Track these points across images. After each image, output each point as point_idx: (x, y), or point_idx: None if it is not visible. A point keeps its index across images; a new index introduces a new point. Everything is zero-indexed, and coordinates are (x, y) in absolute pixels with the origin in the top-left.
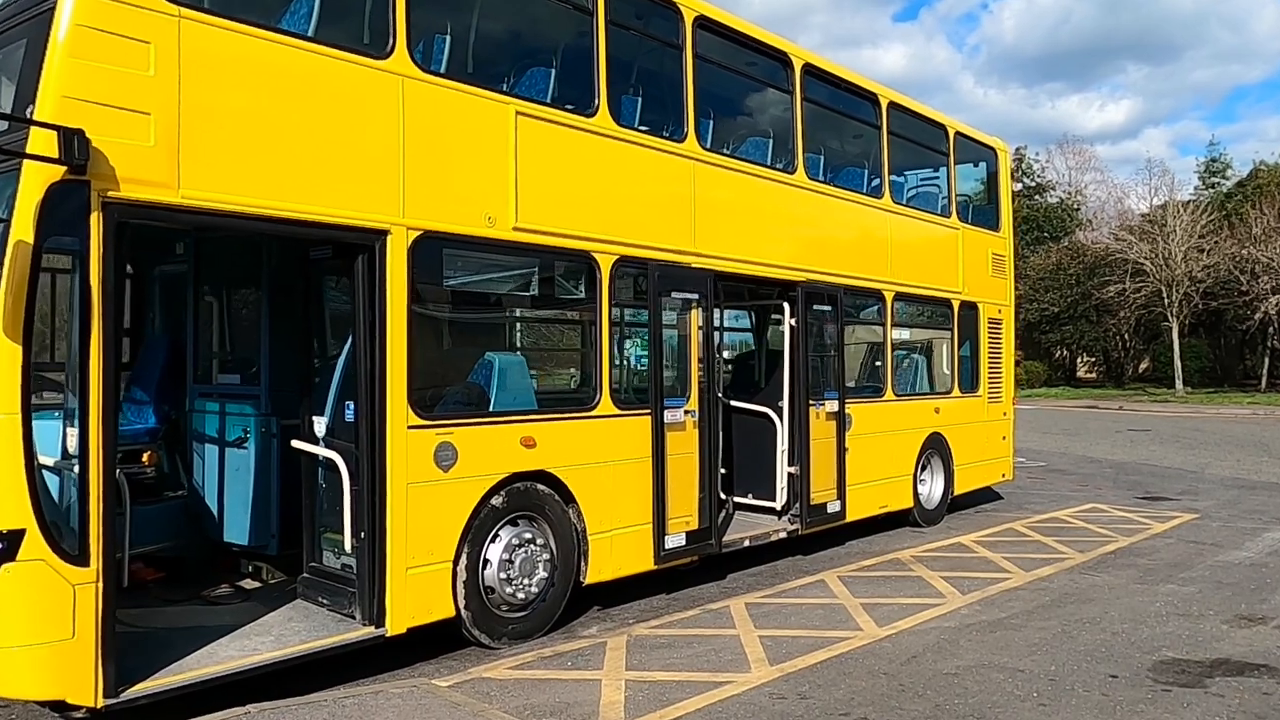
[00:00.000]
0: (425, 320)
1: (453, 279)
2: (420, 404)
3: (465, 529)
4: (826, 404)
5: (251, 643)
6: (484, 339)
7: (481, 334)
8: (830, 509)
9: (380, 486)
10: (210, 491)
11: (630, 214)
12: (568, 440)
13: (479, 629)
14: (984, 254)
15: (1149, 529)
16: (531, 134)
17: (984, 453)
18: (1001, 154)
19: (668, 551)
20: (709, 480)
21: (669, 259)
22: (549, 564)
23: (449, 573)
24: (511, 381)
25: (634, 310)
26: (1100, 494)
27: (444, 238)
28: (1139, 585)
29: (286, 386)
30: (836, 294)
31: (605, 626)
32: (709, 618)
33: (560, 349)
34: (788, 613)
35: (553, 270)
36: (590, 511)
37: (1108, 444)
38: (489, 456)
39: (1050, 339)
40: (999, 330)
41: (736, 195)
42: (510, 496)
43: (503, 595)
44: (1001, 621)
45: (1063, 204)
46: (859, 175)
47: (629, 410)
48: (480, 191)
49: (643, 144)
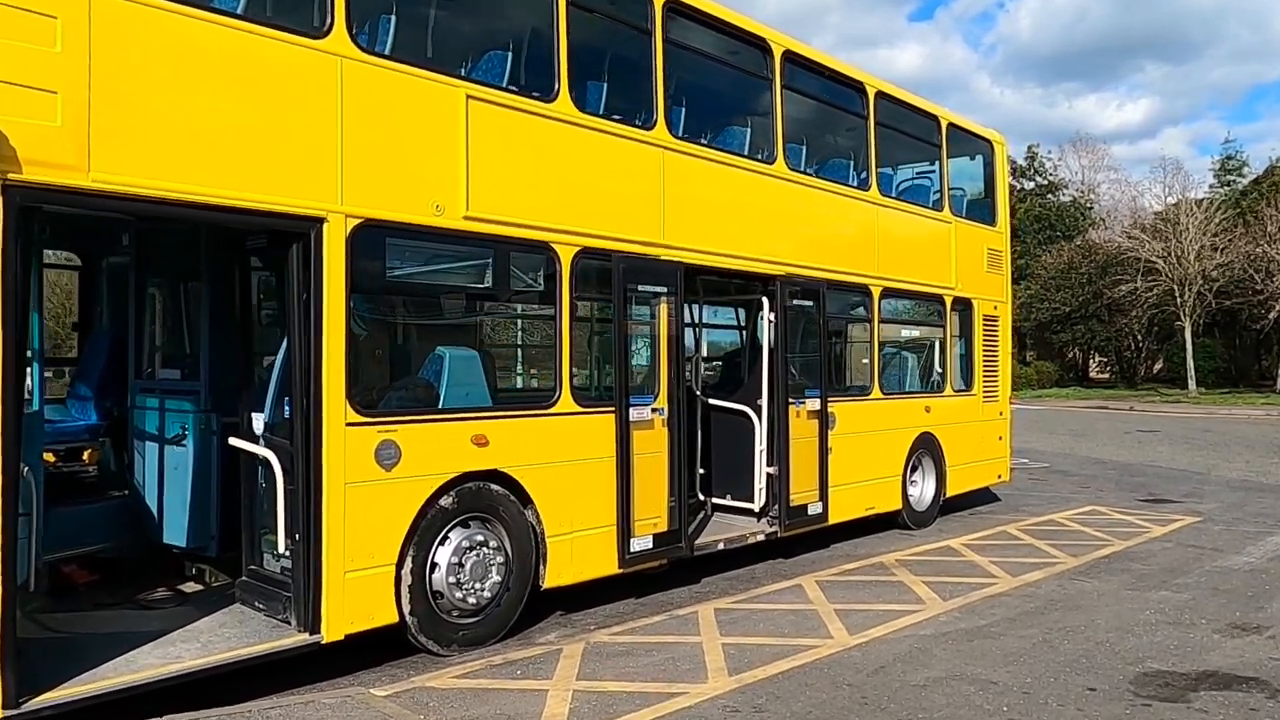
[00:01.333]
0: (367, 313)
1: (398, 270)
2: (360, 400)
3: (410, 531)
4: (808, 402)
5: (176, 649)
6: (434, 333)
7: (431, 328)
8: (811, 511)
9: (316, 486)
10: (150, 491)
11: (593, 204)
12: (524, 439)
13: (426, 635)
14: (979, 249)
15: (1147, 533)
16: (485, 119)
17: (978, 453)
18: (998, 146)
19: (633, 555)
20: (679, 481)
21: (635, 251)
22: (503, 567)
23: (392, 577)
24: (463, 377)
25: (598, 304)
26: (1101, 496)
27: (387, 226)
28: (1130, 592)
29: (227, 382)
30: (818, 289)
31: (565, 632)
32: (674, 624)
33: (518, 344)
34: (757, 619)
35: (508, 262)
36: (549, 513)
37: (1114, 445)
38: (437, 455)
39: (1061, 339)
40: (995, 327)
41: (710, 186)
42: (461, 497)
43: (452, 600)
44: (980, 629)
45: (1075, 203)
46: (845, 167)
47: (592, 408)
48: (427, 179)
49: (607, 131)
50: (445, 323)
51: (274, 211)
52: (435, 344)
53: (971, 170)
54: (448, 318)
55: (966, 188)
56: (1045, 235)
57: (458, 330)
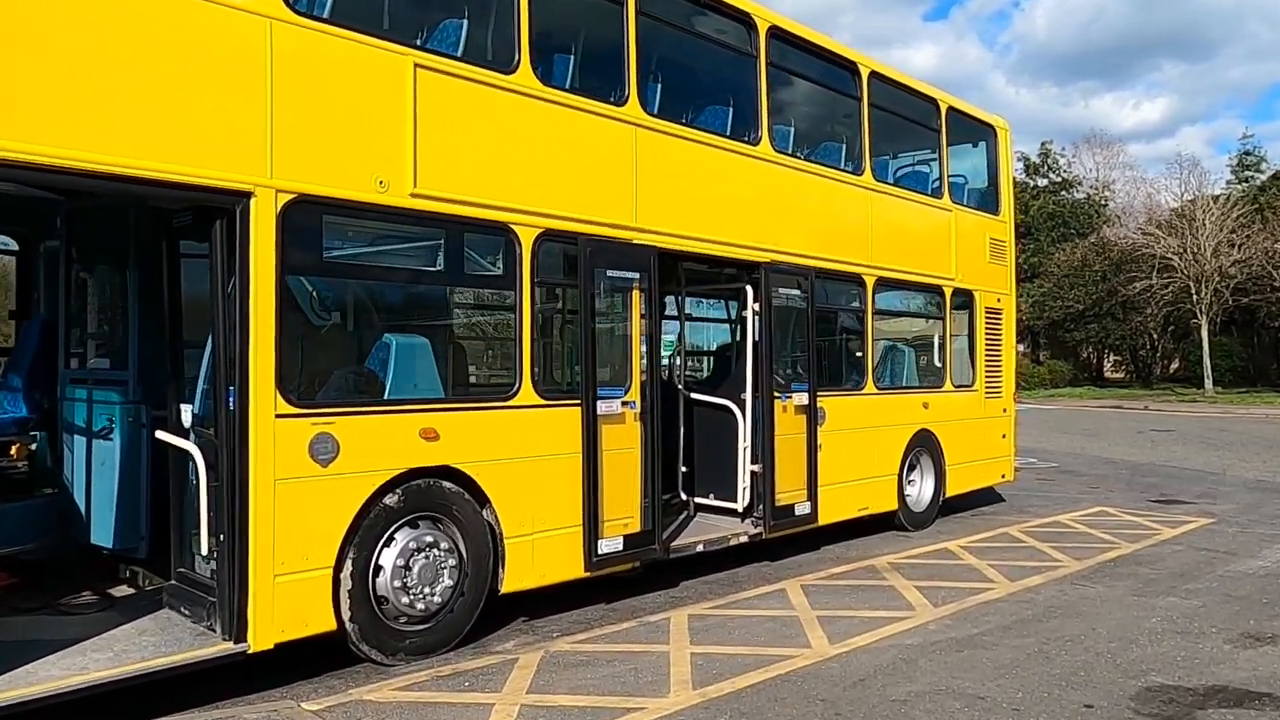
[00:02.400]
0: (301, 296)
1: (338, 250)
2: (292, 390)
3: (350, 532)
4: (795, 397)
5: (85, 659)
6: (380, 319)
7: (377, 314)
8: (799, 511)
9: (241, 483)
10: (79, 488)
11: (558, 183)
12: (480, 433)
13: (369, 644)
14: (981, 239)
15: (1157, 535)
16: (436, 91)
17: (980, 452)
18: (1002, 132)
19: (601, 557)
20: (653, 479)
21: (604, 233)
22: (456, 570)
23: (329, 581)
24: (411, 367)
25: (563, 290)
26: (1111, 497)
27: (323, 202)
28: (1135, 598)
29: (158, 372)
30: (807, 277)
31: (525, 640)
32: (643, 631)
33: (475, 332)
34: (733, 626)
35: (463, 243)
36: (508, 512)
37: (1127, 444)
38: (380, 450)
39: (1075, 337)
40: (998, 320)
41: (689, 167)
42: (408, 495)
43: (398, 606)
44: (972, 639)
45: (1089, 200)
46: (837, 151)
47: (555, 401)
48: (370, 152)
49: (574, 106)
50: (393, 308)
51: (192, 184)
52: (381, 331)
53: (974, 157)
54: (395, 303)
55: (969, 175)
56: (1059, 233)
57: (407, 316)
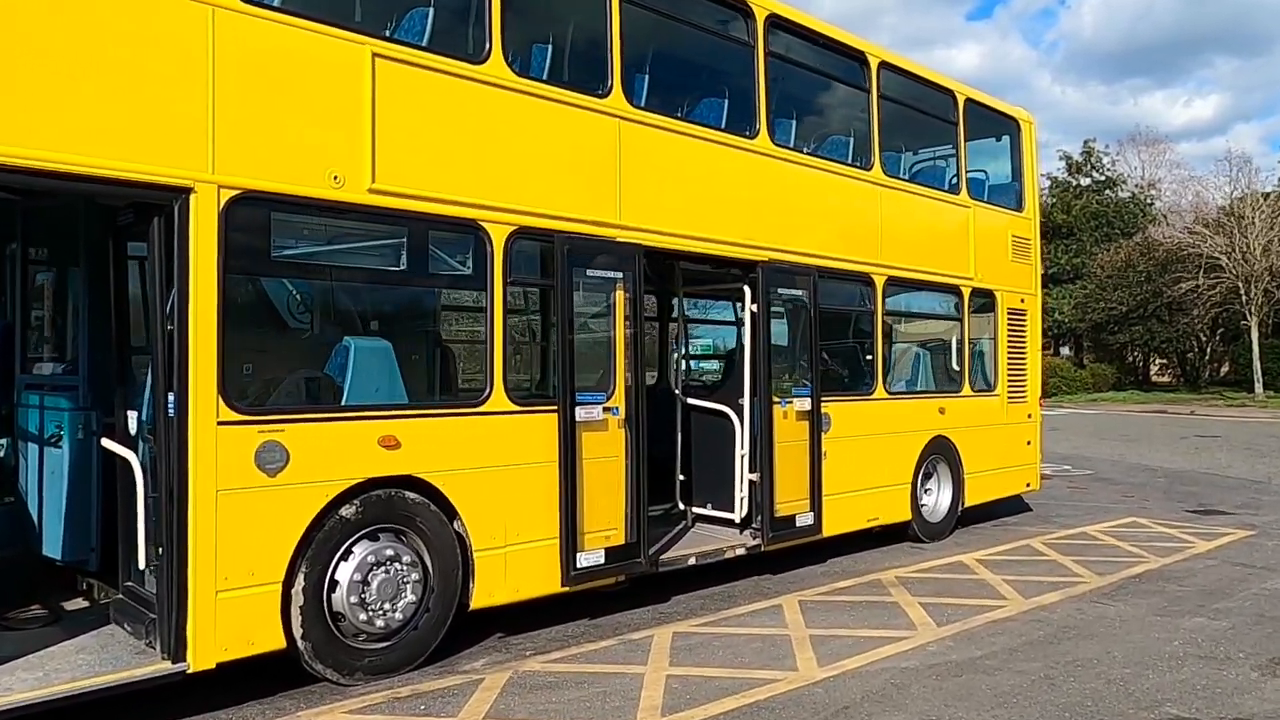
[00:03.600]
0: (248, 297)
1: (290, 248)
2: (236, 396)
3: (301, 545)
4: (796, 402)
5: (12, 679)
6: (337, 322)
7: (333, 316)
8: (801, 522)
9: (180, 494)
10: (33, 497)
11: (533, 178)
12: (447, 441)
13: (323, 663)
14: (1002, 236)
15: (1190, 548)
16: (397, 81)
17: (1003, 459)
18: (1026, 125)
19: (580, 571)
20: (638, 489)
21: (583, 231)
22: (420, 585)
23: (278, 597)
24: (372, 371)
25: (538, 290)
26: (1146, 506)
27: (272, 199)
28: (1158, 617)
29: (109, 377)
30: (809, 276)
31: (496, 658)
32: (621, 650)
33: (442, 335)
34: (718, 646)
35: (427, 241)
36: (477, 524)
37: (1168, 450)
38: (335, 459)
39: (1119, 339)
40: (1021, 322)
41: (678, 161)
42: (367, 506)
43: (355, 623)
44: (973, 662)
45: (1135, 199)
46: (844, 145)
47: (530, 407)
48: (324, 146)
49: (550, 98)
50: (352, 310)
51: (125, 180)
52: (340, 334)
53: (996, 152)
54: (355, 304)
55: (991, 170)
56: (1102, 233)
57: (368, 318)
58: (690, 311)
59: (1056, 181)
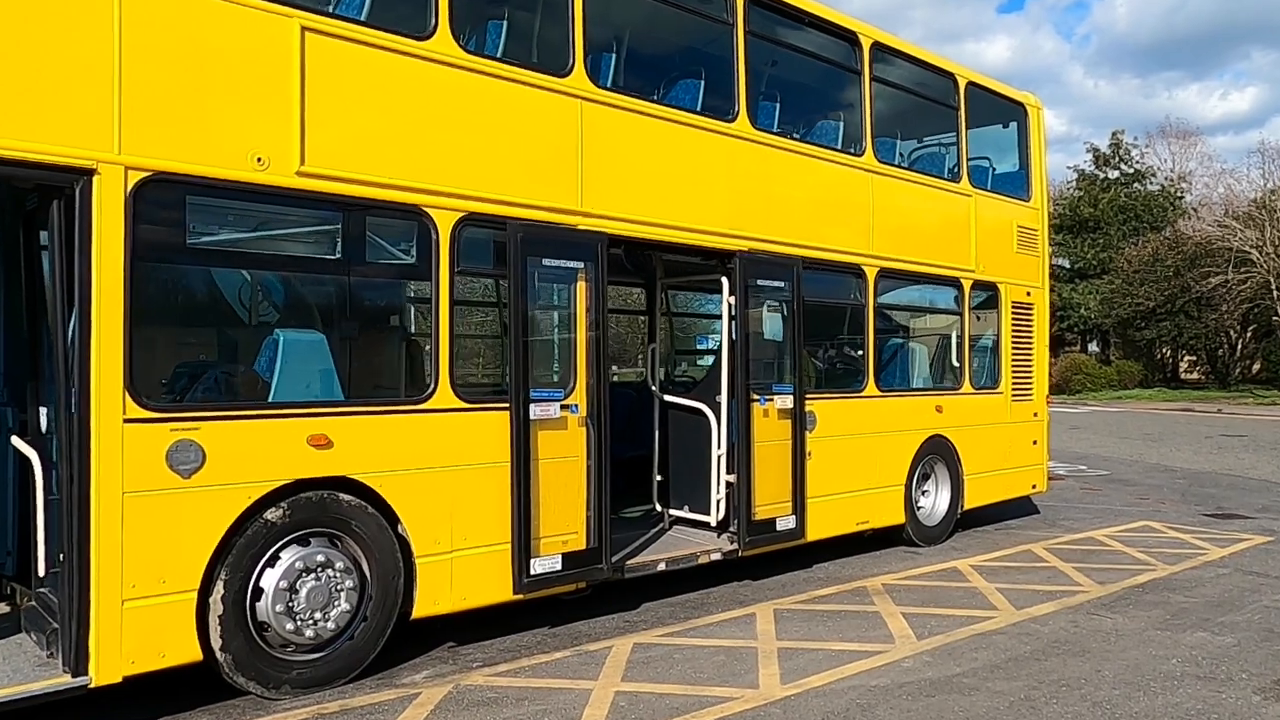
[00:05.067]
0: (160, 287)
1: (209, 234)
2: (146, 392)
3: (220, 551)
4: (777, 399)
5: None
6: (263, 313)
7: (259, 307)
8: (782, 526)
9: (82, 496)
10: None
11: (485, 161)
12: (385, 440)
13: (246, 675)
14: (1007, 226)
15: (1202, 555)
16: (328, 57)
17: (1005, 460)
18: (1033, 111)
19: (535, 578)
20: (601, 491)
21: (542, 218)
22: (356, 593)
23: (193, 606)
24: (303, 366)
25: (490, 281)
26: (1160, 510)
27: (186, 182)
28: (1159, 632)
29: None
30: (792, 267)
31: (440, 670)
32: (575, 662)
33: (382, 328)
34: (679, 659)
35: (364, 228)
36: (420, 529)
37: (1190, 451)
38: (258, 459)
39: (1145, 335)
40: (1027, 316)
41: (647, 144)
42: (295, 510)
43: (282, 633)
44: (949, 681)
45: (1164, 191)
46: (834, 129)
47: (480, 404)
48: (246, 126)
49: (504, 76)
50: (282, 300)
51: (17, 160)
52: (267, 326)
53: (1002, 139)
54: (285, 294)
55: (996, 158)
56: (1130, 227)
57: (299, 310)
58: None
59: (1083, 174)
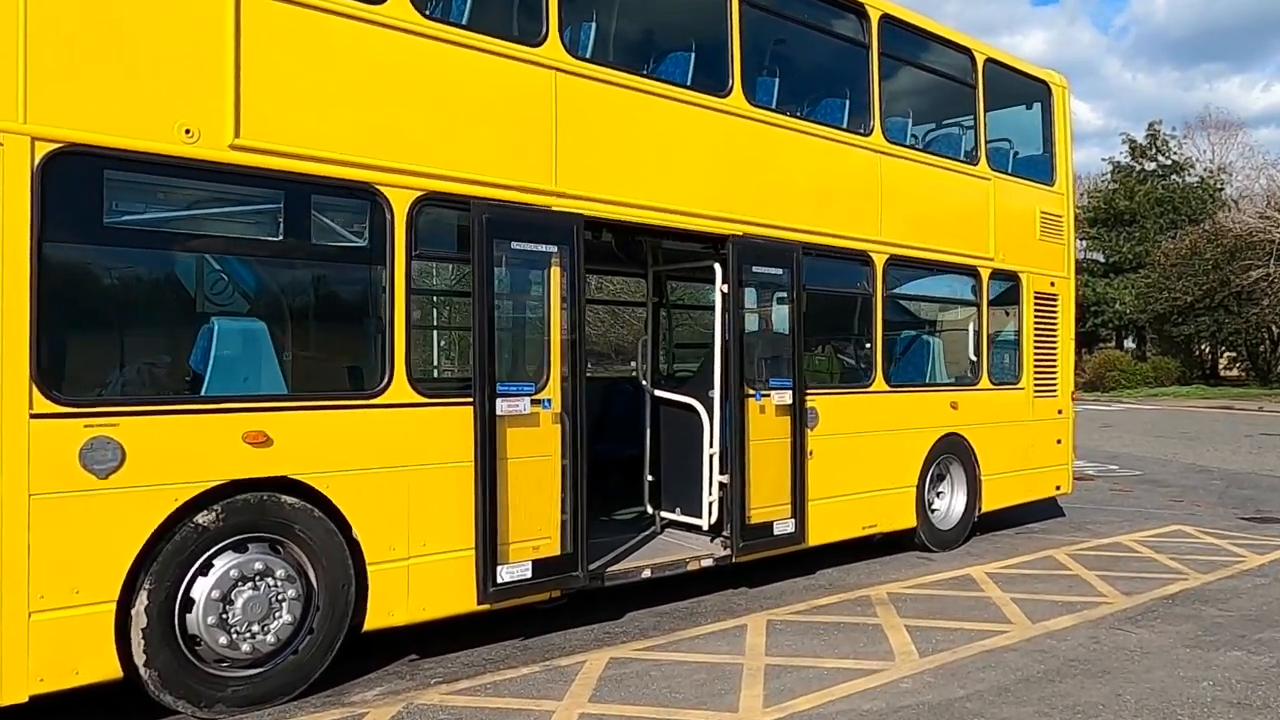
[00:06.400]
0: (76, 270)
1: (129, 213)
2: (57, 385)
3: (142, 558)
4: (775, 395)
5: None
6: (196, 299)
7: (191, 293)
8: (780, 530)
9: None
10: None
11: (447, 137)
12: (333, 438)
13: (174, 693)
14: (1029, 212)
15: (1238, 563)
16: (269, 20)
17: (1027, 460)
18: (1058, 90)
19: (501, 587)
20: (577, 492)
21: (509, 198)
22: (300, 603)
23: (111, 618)
24: (239, 357)
25: (452, 266)
26: (1195, 513)
27: (104, 155)
28: (1188, 649)
29: None
30: (791, 253)
31: (393, 687)
32: (541, 680)
33: (332, 316)
34: (656, 676)
35: (308, 207)
36: (371, 534)
37: (1229, 450)
38: (186, 458)
39: (1183, 331)
40: (1051, 307)
41: (631, 121)
42: (230, 513)
43: (215, 647)
44: (949, 705)
45: (1203, 184)
46: (839, 107)
47: (440, 399)
48: (172, 94)
49: (468, 44)
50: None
51: None
52: (200, 313)
53: (1025, 120)
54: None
55: (1017, 140)
56: (1168, 220)
57: (235, 296)
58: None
59: (1119, 166)
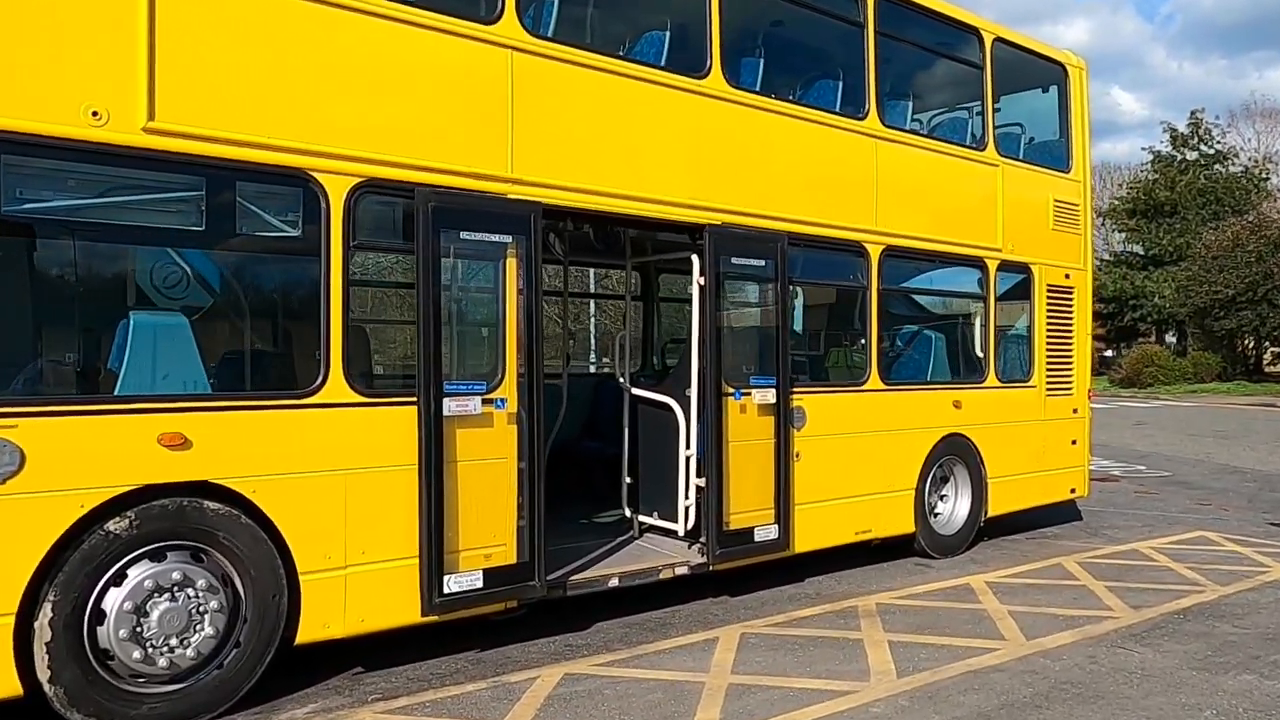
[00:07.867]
0: None
1: (31, 201)
2: None
3: (45, 568)
4: (756, 393)
5: None
6: (108, 293)
7: (103, 286)
8: (761, 536)
9: None
10: None
11: (389, 120)
12: (259, 439)
13: (83, 711)
14: (1042, 201)
15: (1262, 573)
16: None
17: (1038, 461)
18: (1074, 72)
19: (448, 597)
20: (534, 497)
21: (459, 185)
22: (224, 615)
23: (10, 632)
24: (157, 353)
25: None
26: (1221, 517)
27: (3, 139)
28: (1194, 672)
29: None
30: (774, 243)
31: (328, 704)
32: (486, 698)
33: (260, 310)
34: (608, 695)
35: (234, 195)
36: (304, 541)
37: (1265, 450)
38: (94, 461)
39: (1225, 325)
40: (1066, 301)
41: (596, 103)
42: (144, 519)
43: (129, 662)
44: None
45: (1247, 173)
46: (831, 90)
47: (381, 398)
48: (76, 72)
49: (411, 21)
50: (132, 279)
51: None
52: (114, 308)
53: (1038, 104)
54: (137, 272)
55: (1030, 124)
56: (1210, 211)
57: (152, 289)
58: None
59: (1159, 156)
